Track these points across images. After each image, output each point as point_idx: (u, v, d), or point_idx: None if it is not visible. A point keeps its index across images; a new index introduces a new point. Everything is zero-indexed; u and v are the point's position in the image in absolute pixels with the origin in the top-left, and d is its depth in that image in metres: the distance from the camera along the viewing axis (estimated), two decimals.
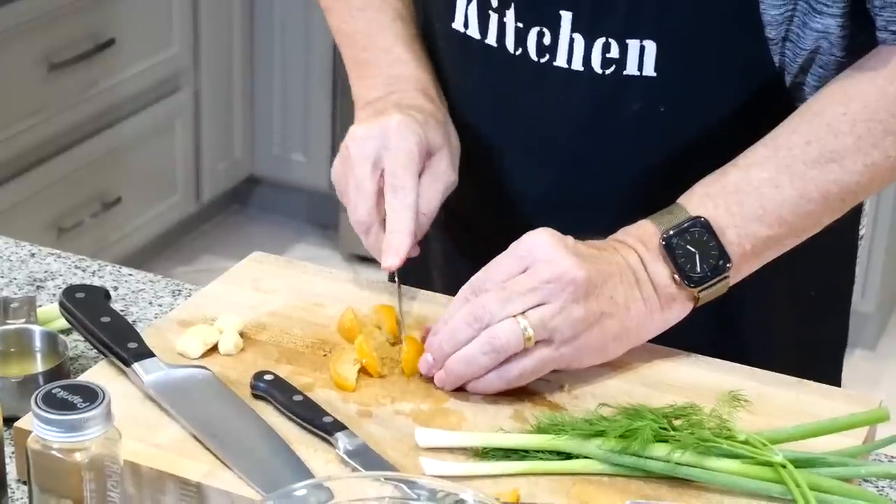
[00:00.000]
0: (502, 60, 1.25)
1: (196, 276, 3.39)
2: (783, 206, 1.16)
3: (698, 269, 1.15)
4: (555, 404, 1.13)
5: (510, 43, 1.24)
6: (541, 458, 1.06)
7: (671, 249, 1.15)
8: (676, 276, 1.15)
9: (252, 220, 3.76)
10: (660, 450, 1.04)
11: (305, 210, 3.71)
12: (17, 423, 1.08)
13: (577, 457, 1.06)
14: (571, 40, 1.21)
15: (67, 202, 3.06)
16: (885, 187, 1.26)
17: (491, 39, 1.26)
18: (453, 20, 1.29)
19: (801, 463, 1.05)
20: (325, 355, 1.18)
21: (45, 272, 1.38)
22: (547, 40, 1.22)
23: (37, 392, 0.95)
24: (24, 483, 1.06)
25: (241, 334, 1.20)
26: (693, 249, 1.15)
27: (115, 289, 1.35)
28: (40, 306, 1.28)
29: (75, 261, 1.40)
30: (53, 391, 0.95)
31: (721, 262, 1.15)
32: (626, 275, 1.14)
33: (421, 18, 1.37)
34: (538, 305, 1.11)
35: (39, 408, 0.94)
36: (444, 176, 1.25)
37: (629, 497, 1.03)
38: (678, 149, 1.23)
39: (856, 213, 1.35)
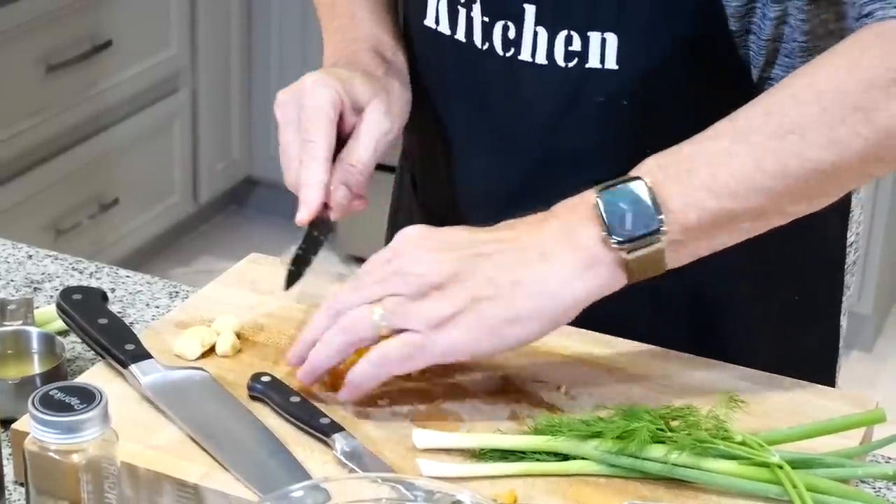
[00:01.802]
0: (471, 56, 1.26)
1: (194, 277, 3.39)
2: (735, 176, 1.06)
3: (628, 226, 1.05)
4: (552, 405, 1.13)
5: (478, 38, 1.25)
6: (538, 459, 1.06)
7: (601, 208, 1.06)
8: (603, 233, 1.06)
9: (250, 221, 3.76)
10: (657, 451, 1.04)
11: None
12: (14, 425, 1.08)
13: (574, 458, 1.06)
14: (535, 34, 1.21)
15: (65, 203, 3.06)
16: (860, 178, 1.15)
17: (460, 35, 1.27)
18: (425, 17, 1.30)
19: (798, 464, 1.05)
20: None
21: (43, 274, 1.38)
22: (512, 34, 1.23)
23: (34, 394, 0.95)
24: (22, 485, 1.06)
25: (239, 336, 1.20)
26: (625, 207, 1.05)
27: (113, 290, 1.35)
28: (37, 308, 1.28)
29: (72, 262, 1.40)
30: (51, 393, 0.95)
31: (653, 222, 1.05)
32: (525, 252, 1.07)
33: (401, 17, 1.38)
34: (391, 296, 1.08)
35: (37, 409, 0.93)
36: (376, 126, 1.24)
37: (626, 498, 1.03)
38: (643, 143, 1.16)
39: (843, 220, 1.34)
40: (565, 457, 1.06)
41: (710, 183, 1.06)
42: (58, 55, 2.94)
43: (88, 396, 0.95)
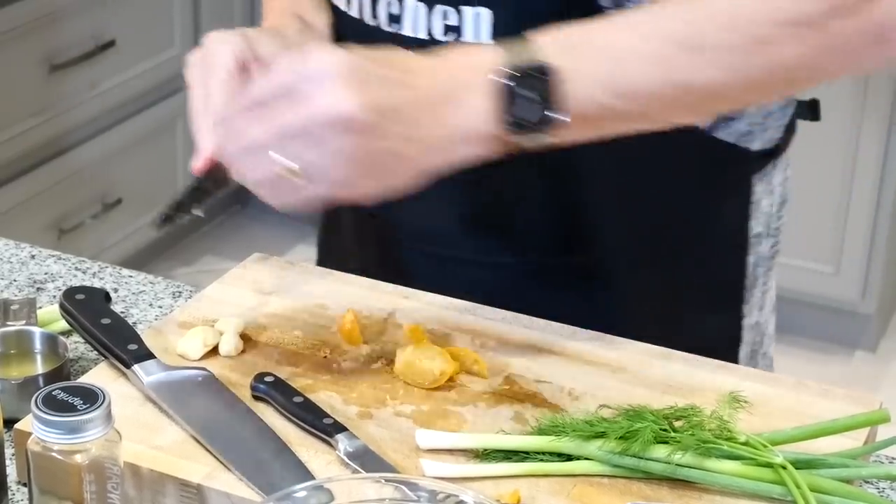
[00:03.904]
0: (363, 31, 1.28)
1: (197, 277, 3.39)
2: (636, 81, 1.06)
3: (519, 112, 1.04)
4: (555, 406, 1.13)
5: (367, 13, 1.27)
6: (541, 460, 1.06)
7: (501, 88, 1.04)
8: (493, 110, 1.05)
9: (253, 220, 3.76)
10: (660, 451, 1.04)
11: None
12: (17, 425, 1.08)
13: (578, 458, 1.06)
14: (416, 8, 1.23)
15: (68, 203, 3.06)
16: (752, 99, 1.18)
17: (353, 11, 1.29)
18: None
19: (802, 464, 1.05)
20: (325, 357, 1.18)
21: (46, 274, 1.38)
22: (395, 9, 1.25)
23: (37, 394, 0.95)
24: (25, 485, 1.06)
25: (242, 336, 1.20)
26: (522, 93, 1.04)
27: (116, 290, 1.35)
28: (40, 308, 1.28)
29: (75, 262, 1.40)
30: (53, 393, 0.95)
31: (545, 116, 1.05)
32: (419, 99, 1.05)
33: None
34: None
35: (39, 409, 0.94)
36: None
37: (630, 498, 1.03)
38: None
39: (743, 209, 1.33)
40: (569, 457, 1.06)
41: (609, 82, 1.06)
42: (61, 55, 2.94)
43: (91, 397, 0.95)
